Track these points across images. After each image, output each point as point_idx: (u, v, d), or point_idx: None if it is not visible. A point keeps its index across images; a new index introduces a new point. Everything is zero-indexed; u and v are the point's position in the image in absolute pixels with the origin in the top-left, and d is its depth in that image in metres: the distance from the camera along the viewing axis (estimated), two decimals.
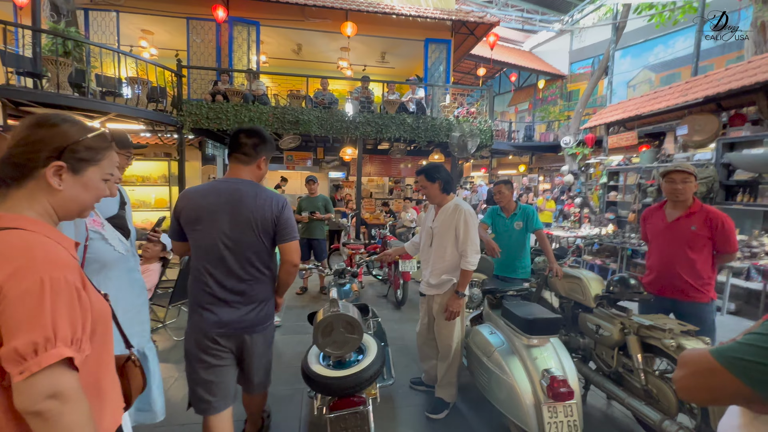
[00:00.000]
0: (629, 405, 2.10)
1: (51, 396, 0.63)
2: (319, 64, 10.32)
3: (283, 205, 1.63)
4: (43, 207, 0.77)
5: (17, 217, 0.72)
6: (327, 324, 1.78)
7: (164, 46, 9.26)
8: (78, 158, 0.79)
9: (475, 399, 2.59)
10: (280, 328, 3.84)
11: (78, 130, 0.79)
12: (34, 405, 0.62)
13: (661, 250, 2.41)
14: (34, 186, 0.75)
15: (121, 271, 1.47)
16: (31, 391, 0.62)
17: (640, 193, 7.55)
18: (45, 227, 0.75)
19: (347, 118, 6.90)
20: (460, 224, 2.29)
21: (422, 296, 2.58)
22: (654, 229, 2.49)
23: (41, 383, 0.63)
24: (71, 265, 0.72)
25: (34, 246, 0.69)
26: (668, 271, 2.33)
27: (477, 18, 8.49)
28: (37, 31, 5.34)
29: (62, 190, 0.78)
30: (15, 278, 0.64)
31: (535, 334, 1.99)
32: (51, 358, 0.64)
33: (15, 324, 0.63)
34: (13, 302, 0.63)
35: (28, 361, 0.62)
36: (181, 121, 6.44)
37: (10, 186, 0.75)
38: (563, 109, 14.65)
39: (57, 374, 0.65)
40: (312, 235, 5.01)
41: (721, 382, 0.65)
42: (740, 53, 8.93)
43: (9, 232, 0.69)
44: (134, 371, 0.94)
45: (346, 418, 1.75)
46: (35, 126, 0.76)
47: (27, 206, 0.75)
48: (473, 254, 2.28)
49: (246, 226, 1.54)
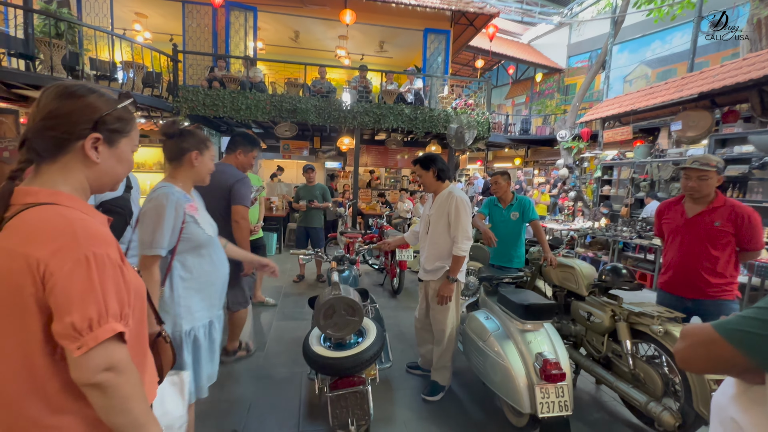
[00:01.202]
0: (617, 388, 2.20)
1: (107, 368, 0.66)
2: (316, 52, 10.20)
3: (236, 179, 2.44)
4: (79, 181, 0.76)
5: (54, 193, 0.71)
6: (329, 306, 1.83)
7: (159, 30, 9.08)
8: (111, 129, 0.77)
9: (469, 382, 2.68)
10: (278, 314, 3.89)
11: (106, 101, 0.77)
12: (92, 377, 0.65)
13: (680, 247, 2.24)
14: (70, 159, 0.74)
15: (209, 250, 1.63)
16: (89, 365, 0.65)
17: (633, 188, 7.66)
18: (80, 203, 0.74)
19: (345, 107, 6.87)
20: (452, 210, 2.34)
21: (420, 282, 2.65)
22: (672, 225, 2.31)
23: (98, 357, 0.65)
24: (111, 242, 0.72)
25: (75, 222, 0.68)
26: (688, 269, 2.19)
27: (477, 8, 8.43)
28: (29, 11, 5.20)
29: (99, 162, 0.76)
30: (60, 256, 0.64)
31: (530, 319, 2.06)
32: (106, 332, 0.66)
33: (67, 300, 0.64)
34: (63, 280, 0.64)
35: (85, 336, 0.64)
36: (177, 107, 6.36)
37: (42, 159, 0.73)
38: (560, 102, 14.68)
39: (111, 348, 0.67)
40: (309, 224, 5.03)
41: (720, 351, 0.69)
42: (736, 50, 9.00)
43: (47, 207, 0.68)
44: (165, 347, 0.96)
45: (346, 397, 1.81)
46: (63, 97, 0.72)
47: (62, 181, 0.73)
48: (464, 240, 2.32)
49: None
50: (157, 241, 1.42)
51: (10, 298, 0.64)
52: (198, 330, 1.57)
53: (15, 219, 0.67)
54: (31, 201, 0.69)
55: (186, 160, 1.55)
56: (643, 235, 5.60)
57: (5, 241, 0.65)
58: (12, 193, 0.69)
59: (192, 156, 1.55)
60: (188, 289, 1.54)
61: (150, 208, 1.43)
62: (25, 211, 0.67)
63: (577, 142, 10.02)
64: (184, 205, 1.48)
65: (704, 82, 6.34)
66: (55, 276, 0.63)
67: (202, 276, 1.58)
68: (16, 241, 0.65)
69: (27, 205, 0.68)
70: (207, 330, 1.62)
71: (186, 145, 1.54)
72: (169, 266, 1.51)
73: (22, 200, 0.69)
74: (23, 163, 0.72)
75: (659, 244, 5.15)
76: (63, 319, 0.63)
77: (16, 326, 0.65)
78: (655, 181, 7.06)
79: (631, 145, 8.58)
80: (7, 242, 0.65)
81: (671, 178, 6.65)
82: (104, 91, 0.77)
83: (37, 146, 0.72)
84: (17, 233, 0.66)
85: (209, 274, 1.61)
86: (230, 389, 2.51)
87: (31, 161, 0.73)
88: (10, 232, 0.66)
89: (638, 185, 7.43)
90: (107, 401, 0.67)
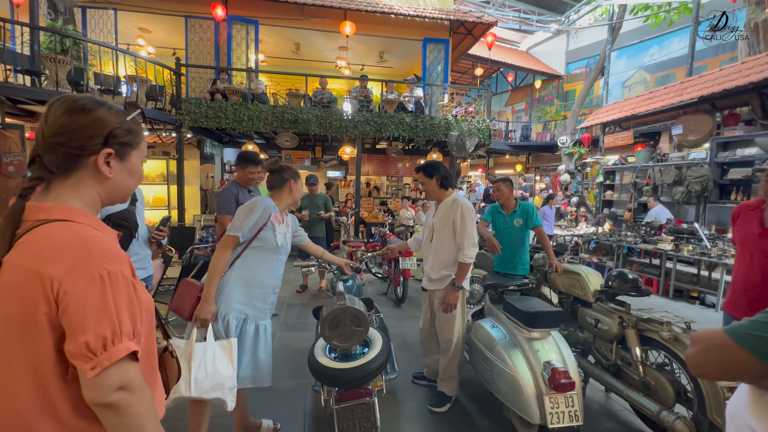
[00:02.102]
0: (627, 397, 2.15)
1: (120, 388, 0.65)
2: (317, 63, 10.33)
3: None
4: (91, 196, 0.75)
5: (66, 209, 0.70)
6: (334, 317, 1.81)
7: (162, 44, 9.23)
8: (122, 143, 0.77)
9: (477, 393, 2.64)
10: (282, 325, 3.87)
11: (115, 113, 0.76)
12: (106, 397, 0.64)
13: (753, 262, 1.90)
14: (83, 175, 0.73)
15: (272, 258, 1.94)
16: (102, 385, 0.64)
17: (636, 192, 7.64)
18: (92, 219, 0.74)
19: (346, 117, 6.93)
20: (457, 217, 2.32)
21: (424, 291, 2.62)
22: (744, 234, 1.96)
23: (111, 376, 0.64)
24: (124, 258, 0.72)
25: (89, 239, 0.67)
26: (755, 291, 1.87)
27: (475, 18, 8.54)
28: (35, 28, 5.31)
29: (111, 177, 0.76)
30: (74, 274, 0.63)
31: (537, 327, 2.03)
32: (120, 352, 0.65)
33: (81, 319, 0.63)
34: (77, 298, 0.63)
35: (99, 356, 0.63)
36: (179, 120, 6.43)
37: (54, 176, 0.72)
38: (560, 109, 14.75)
39: (125, 367, 0.66)
40: (312, 233, 5.02)
41: (733, 356, 0.68)
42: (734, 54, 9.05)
43: (60, 224, 0.68)
44: (171, 362, 0.94)
45: (352, 409, 1.78)
46: (73, 111, 0.72)
47: (74, 196, 0.73)
48: (470, 247, 2.30)
49: None
50: (240, 227, 1.79)
51: (23, 317, 0.63)
52: (231, 317, 1.78)
53: (27, 236, 0.66)
54: (43, 217, 0.68)
55: (286, 187, 1.98)
56: (648, 239, 5.57)
57: (19, 259, 0.64)
58: (23, 209, 0.68)
59: (290, 184, 1.99)
60: (238, 279, 1.83)
61: (248, 204, 1.86)
62: (38, 227, 0.67)
63: (578, 148, 10.04)
64: (271, 213, 1.87)
65: (704, 86, 6.36)
66: (69, 295, 0.63)
67: (254, 275, 1.87)
68: (30, 259, 0.64)
69: (39, 222, 0.67)
70: (242, 326, 1.84)
71: (286, 176, 1.99)
72: (239, 255, 1.83)
73: (34, 216, 0.68)
74: (34, 181, 0.71)
75: (665, 249, 5.10)
76: (77, 339, 0.62)
77: (29, 346, 0.64)
78: (658, 186, 7.04)
79: (632, 150, 8.59)
80: (21, 260, 0.64)
81: (674, 182, 6.63)
82: (112, 104, 0.77)
83: (49, 162, 0.71)
84: (31, 251, 0.65)
85: (260, 277, 1.89)
86: None
87: (42, 178, 0.72)
88: (23, 249, 0.65)
89: (641, 190, 7.42)
90: (120, 420, 0.66)
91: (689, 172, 6.31)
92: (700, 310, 4.78)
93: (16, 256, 0.65)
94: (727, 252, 4.57)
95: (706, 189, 6.08)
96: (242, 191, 2.89)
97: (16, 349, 0.64)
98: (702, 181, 6.08)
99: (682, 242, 5.11)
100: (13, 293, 0.63)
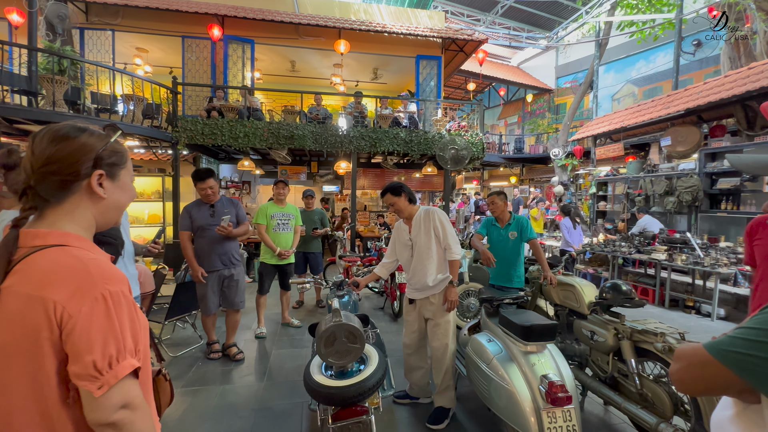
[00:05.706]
0: (625, 410, 2.15)
1: (123, 406, 0.65)
2: (312, 80, 10.50)
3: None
4: (86, 219, 0.77)
5: (63, 234, 0.72)
6: (330, 334, 1.80)
7: (159, 63, 9.35)
8: (110, 163, 0.79)
9: (473, 408, 2.61)
10: (277, 342, 3.82)
11: (98, 137, 0.78)
12: (110, 417, 0.64)
13: None
14: (77, 199, 0.75)
15: None
16: (106, 404, 0.64)
17: (629, 203, 7.73)
18: (87, 243, 0.76)
19: (341, 132, 7.01)
20: (437, 223, 2.46)
21: (411, 304, 2.62)
22: (765, 250, 1.85)
23: (116, 395, 0.65)
24: (123, 279, 0.73)
25: (88, 262, 0.69)
26: None
27: (466, 36, 8.77)
28: (33, 50, 5.39)
29: (105, 197, 0.78)
30: (78, 297, 0.65)
31: (533, 340, 2.03)
32: (125, 369, 0.66)
33: (87, 340, 0.64)
34: (82, 320, 0.64)
35: (105, 375, 0.64)
36: (176, 137, 6.47)
37: (48, 204, 0.74)
38: (551, 121, 15.03)
39: (128, 385, 0.67)
40: (308, 249, 5.01)
41: (714, 373, 0.69)
42: (717, 68, 9.33)
43: (57, 249, 0.69)
44: (164, 385, 0.95)
45: (349, 428, 1.76)
46: (58, 141, 0.73)
47: (69, 221, 0.74)
48: (455, 244, 2.47)
49: None
50: None
51: (25, 343, 0.63)
52: None
53: (24, 263, 0.67)
54: (39, 243, 0.69)
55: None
56: (642, 249, 5.62)
57: (19, 286, 0.65)
58: (18, 238, 0.70)
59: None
60: None
61: None
62: (36, 253, 0.68)
63: (570, 160, 10.19)
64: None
65: (690, 98, 6.54)
66: (74, 318, 0.64)
67: None
68: (31, 285, 0.65)
69: (36, 248, 0.68)
70: None
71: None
72: None
73: (30, 243, 0.69)
74: (28, 211, 0.73)
75: (659, 259, 5.14)
76: (83, 359, 0.63)
77: (31, 371, 0.64)
78: (650, 196, 7.14)
79: (623, 161, 8.74)
80: (22, 287, 0.65)
81: (665, 192, 6.74)
82: (93, 128, 0.79)
83: (42, 192, 0.72)
84: (31, 277, 0.65)
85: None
86: (229, 422, 2.43)
87: (36, 208, 0.73)
88: (23, 276, 0.66)
89: (633, 200, 7.51)
90: None
91: (679, 182, 6.42)
92: (697, 319, 4.79)
93: (16, 282, 0.65)
94: (720, 261, 4.62)
95: (696, 199, 6.18)
96: (200, 207, 3.23)
97: (17, 375, 0.64)
98: (692, 191, 6.19)
99: (675, 252, 5.16)
100: (14, 320, 0.64)
